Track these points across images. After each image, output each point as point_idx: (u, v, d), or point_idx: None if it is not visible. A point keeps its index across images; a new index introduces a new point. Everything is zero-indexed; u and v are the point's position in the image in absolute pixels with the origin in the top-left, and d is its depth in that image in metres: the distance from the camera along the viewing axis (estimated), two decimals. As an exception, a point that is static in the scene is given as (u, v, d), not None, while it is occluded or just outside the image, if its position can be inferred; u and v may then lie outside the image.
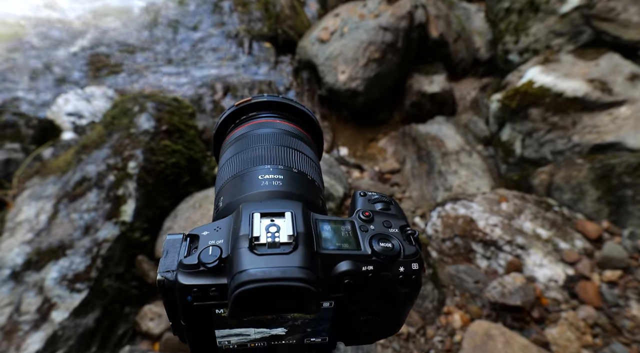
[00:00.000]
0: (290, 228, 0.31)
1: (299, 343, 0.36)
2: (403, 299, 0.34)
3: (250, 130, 0.45)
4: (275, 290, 0.28)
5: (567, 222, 1.75)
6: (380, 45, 2.96)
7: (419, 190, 2.62)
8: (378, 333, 0.38)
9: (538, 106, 2.22)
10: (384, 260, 0.32)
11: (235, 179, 0.39)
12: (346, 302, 0.33)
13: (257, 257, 0.28)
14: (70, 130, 2.91)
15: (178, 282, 0.29)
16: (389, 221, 0.35)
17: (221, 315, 0.31)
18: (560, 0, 2.67)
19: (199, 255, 0.30)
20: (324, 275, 0.30)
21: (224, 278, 0.29)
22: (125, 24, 3.86)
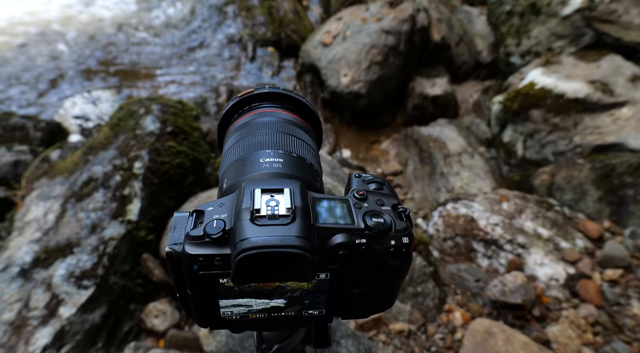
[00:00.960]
0: (288, 202, 0.33)
1: (297, 316, 0.38)
2: (394, 271, 0.36)
3: (252, 119, 0.47)
4: (274, 257, 0.30)
5: (568, 222, 1.76)
6: (383, 49, 2.99)
7: (421, 191, 2.64)
8: (372, 307, 0.40)
9: (539, 107, 2.24)
10: (376, 234, 0.34)
11: (238, 163, 0.42)
12: (341, 274, 0.35)
13: (258, 227, 0.31)
14: (77, 133, 2.95)
15: (185, 252, 0.32)
16: (381, 200, 0.37)
17: (225, 285, 0.34)
18: (562, 3, 2.70)
19: (204, 228, 0.32)
20: (319, 246, 0.33)
21: (227, 249, 0.32)
22: (129, 28, 3.92)
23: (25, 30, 3.72)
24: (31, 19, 3.87)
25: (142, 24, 3.99)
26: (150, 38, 3.84)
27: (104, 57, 3.58)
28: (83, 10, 4.13)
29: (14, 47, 3.56)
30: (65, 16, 4.00)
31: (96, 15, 4.08)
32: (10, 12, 3.90)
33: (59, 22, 3.92)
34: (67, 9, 4.10)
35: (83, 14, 4.07)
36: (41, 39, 3.68)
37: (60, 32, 3.80)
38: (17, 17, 3.88)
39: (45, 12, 4.01)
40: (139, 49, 3.69)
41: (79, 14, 4.06)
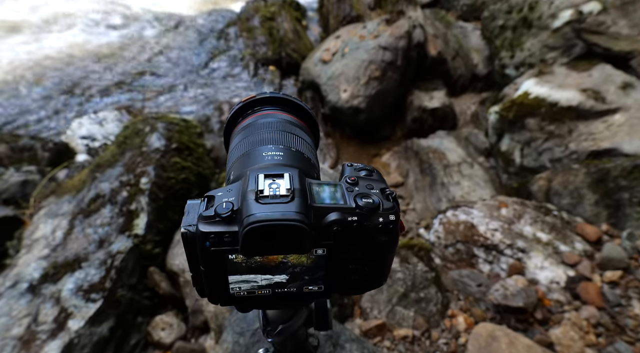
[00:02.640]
0: (288, 184, 0.37)
1: (298, 292, 0.42)
2: (383, 246, 0.40)
3: (255, 120, 0.52)
4: (276, 229, 0.34)
5: (567, 226, 1.79)
6: (380, 64, 3.07)
7: (423, 202, 2.67)
8: (366, 283, 0.44)
9: (534, 116, 2.29)
10: (366, 212, 0.38)
11: (243, 157, 0.47)
12: (336, 250, 0.39)
13: (262, 205, 0.35)
14: (84, 153, 3.02)
15: (198, 230, 0.36)
16: (371, 184, 0.42)
17: (233, 261, 0.38)
18: (552, 16, 2.78)
19: (215, 209, 0.36)
20: (316, 223, 0.37)
21: (235, 226, 0.36)
22: (135, 51, 4.04)
23: (34, 60, 3.84)
24: (41, 49, 4.00)
25: (146, 47, 4.11)
26: (154, 60, 3.95)
27: (109, 79, 3.69)
28: (88, 37, 4.26)
29: (24, 76, 3.67)
30: (71, 43, 4.13)
31: (100, 41, 4.21)
32: (22, 46, 4.03)
33: (66, 49, 4.04)
34: (72, 37, 4.24)
35: (88, 41, 4.20)
36: (50, 65, 3.80)
37: (66, 58, 3.92)
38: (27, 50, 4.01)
39: (53, 41, 4.15)
40: (143, 71, 3.80)
41: (85, 41, 4.20)
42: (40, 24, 4.33)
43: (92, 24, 4.42)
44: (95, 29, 4.37)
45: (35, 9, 4.56)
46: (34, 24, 4.29)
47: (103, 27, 4.42)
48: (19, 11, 4.50)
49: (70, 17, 4.49)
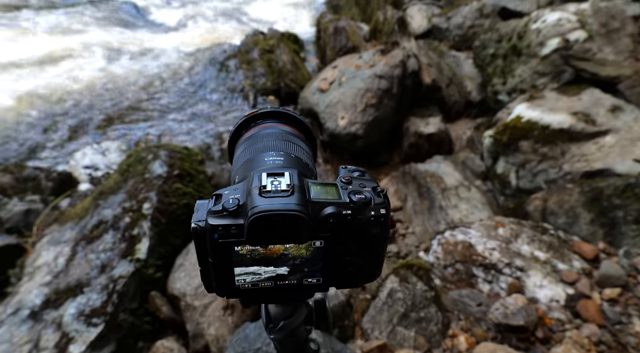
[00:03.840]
0: (288, 181, 0.42)
1: (299, 284, 0.45)
2: (376, 238, 0.44)
3: (258, 131, 0.57)
4: (277, 219, 0.38)
5: (564, 244, 1.81)
6: (377, 92, 3.17)
7: (422, 225, 2.70)
8: (361, 275, 0.47)
9: (527, 139, 2.36)
10: (359, 206, 0.42)
11: (247, 162, 0.51)
12: (332, 242, 0.43)
13: (265, 198, 0.39)
14: (86, 182, 3.07)
15: (207, 223, 0.40)
16: (363, 183, 0.46)
17: (239, 252, 0.41)
18: (540, 44, 2.90)
19: (222, 204, 0.40)
20: (313, 217, 0.41)
21: (241, 219, 0.40)
22: (140, 84, 4.17)
23: (42, 93, 3.96)
24: (47, 81, 4.13)
25: (150, 79, 4.24)
26: (157, 92, 4.07)
27: (112, 110, 3.78)
28: (93, 70, 4.41)
29: (31, 108, 3.77)
30: (76, 76, 4.26)
31: (105, 74, 4.35)
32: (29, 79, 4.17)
33: (71, 82, 4.17)
34: (77, 70, 4.38)
35: (93, 74, 4.34)
36: (55, 97, 3.91)
37: (71, 90, 4.04)
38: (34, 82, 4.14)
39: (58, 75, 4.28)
40: (147, 102, 3.90)
41: (90, 74, 4.33)
42: (47, 58, 4.49)
43: (98, 58, 4.58)
44: (100, 62, 4.52)
45: (43, 44, 4.74)
46: (41, 58, 4.44)
47: (107, 60, 4.58)
48: (27, 46, 4.66)
49: (76, 51, 4.65)
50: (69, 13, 5.83)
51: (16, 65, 4.31)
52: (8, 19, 5.43)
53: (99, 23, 5.75)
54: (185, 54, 4.83)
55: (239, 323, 1.55)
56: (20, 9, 5.81)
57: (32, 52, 4.59)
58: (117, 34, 5.46)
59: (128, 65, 4.53)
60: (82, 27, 5.49)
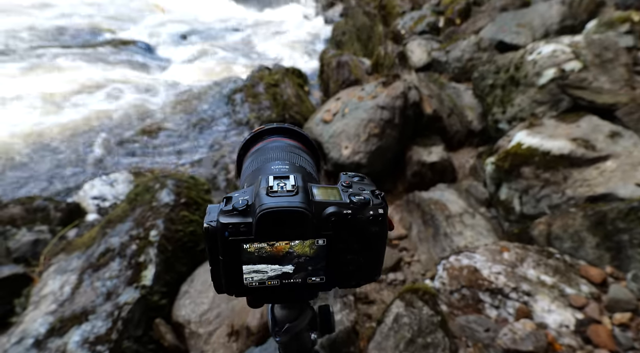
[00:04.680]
0: (293, 182, 0.45)
1: (303, 283, 0.47)
2: (375, 237, 0.46)
3: (264, 145, 0.61)
4: (283, 215, 0.41)
5: (570, 269, 1.80)
6: (379, 122, 3.25)
7: (427, 253, 2.68)
8: (361, 274, 0.49)
9: (529, 165, 2.39)
10: (359, 207, 0.45)
11: (255, 171, 0.55)
12: (334, 240, 0.45)
13: (272, 197, 0.43)
14: (94, 212, 3.11)
15: (219, 222, 0.43)
16: (362, 187, 0.49)
17: (247, 250, 0.44)
18: (537, 74, 2.99)
19: (233, 204, 0.44)
20: (316, 216, 0.44)
21: (249, 218, 0.43)
22: (148, 117, 4.29)
23: (56, 127, 4.08)
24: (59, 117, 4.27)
25: (158, 113, 4.37)
26: (165, 125, 4.18)
27: (122, 142, 3.88)
28: (104, 105, 4.55)
29: (42, 142, 3.88)
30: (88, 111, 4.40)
31: (116, 107, 4.49)
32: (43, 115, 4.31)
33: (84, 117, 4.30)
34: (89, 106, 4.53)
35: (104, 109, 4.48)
36: (68, 132, 4.03)
37: (84, 124, 4.16)
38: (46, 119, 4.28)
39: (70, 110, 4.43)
40: (155, 135, 4.01)
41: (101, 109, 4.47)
42: (61, 94, 4.65)
43: (110, 93, 4.74)
44: (111, 98, 4.68)
45: (56, 81, 4.92)
46: (55, 94, 4.61)
47: (118, 96, 4.73)
48: (42, 83, 4.85)
49: (89, 88, 4.82)
50: (83, 53, 6.09)
51: (29, 102, 4.47)
52: (23, 57, 5.68)
53: (112, 61, 6.00)
54: (194, 88, 4.99)
55: (243, 349, 1.53)
56: (36, 49, 6.08)
57: (46, 88, 4.77)
58: (128, 70, 5.68)
59: (138, 100, 4.68)
60: (96, 65, 5.72)
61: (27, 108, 4.31)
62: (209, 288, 1.86)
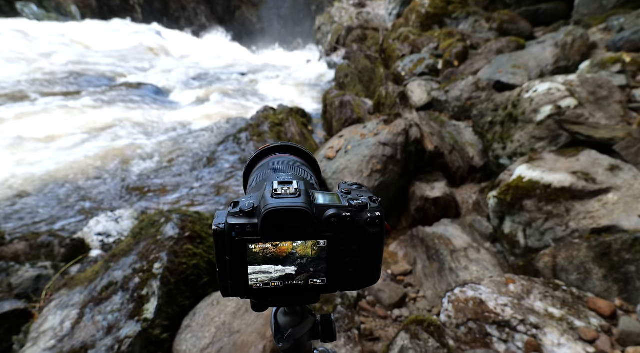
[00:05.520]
0: (296, 186, 0.48)
1: (305, 285, 0.49)
2: (373, 238, 0.48)
3: (270, 160, 0.65)
4: (287, 213, 0.44)
5: (578, 301, 1.76)
6: (382, 158, 3.30)
7: (433, 289, 2.64)
8: (361, 277, 0.51)
9: (531, 198, 2.40)
10: (357, 209, 0.48)
11: (260, 182, 0.58)
12: (335, 242, 0.48)
13: (276, 198, 0.45)
14: (98, 248, 3.11)
15: (227, 223, 0.46)
16: (361, 193, 0.52)
17: (253, 250, 0.46)
18: (534, 111, 3.07)
19: (240, 207, 0.47)
20: (317, 217, 0.46)
21: (255, 219, 0.46)
22: (156, 156, 4.38)
23: (65, 165, 4.18)
24: (70, 155, 4.37)
25: (166, 151, 4.47)
26: (172, 163, 4.26)
27: (129, 180, 3.94)
28: (114, 144, 4.67)
29: (53, 180, 3.96)
30: (97, 150, 4.51)
31: (125, 147, 4.60)
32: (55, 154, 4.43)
33: (91, 156, 4.40)
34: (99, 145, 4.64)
35: (114, 147, 4.59)
36: (77, 170, 4.11)
37: (91, 163, 4.25)
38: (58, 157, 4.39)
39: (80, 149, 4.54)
40: (162, 173, 4.08)
41: (110, 148, 4.59)
42: (70, 135, 4.79)
43: (118, 134, 4.87)
44: (120, 138, 4.80)
45: (67, 123, 5.08)
46: (65, 135, 4.74)
47: (127, 136, 4.86)
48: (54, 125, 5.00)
49: (99, 128, 4.96)
50: (93, 96, 6.32)
51: (39, 141, 4.60)
52: (34, 101, 5.90)
53: (122, 103, 6.21)
54: (200, 128, 5.13)
55: (245, 385, 1.49)
56: (48, 95, 6.32)
57: (57, 129, 4.91)
58: (138, 112, 5.86)
59: (146, 140, 4.80)
60: (106, 107, 5.92)
61: (37, 147, 4.43)
62: (211, 323, 1.83)
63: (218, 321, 1.82)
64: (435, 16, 7.45)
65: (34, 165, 4.07)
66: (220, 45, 15.44)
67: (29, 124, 5.01)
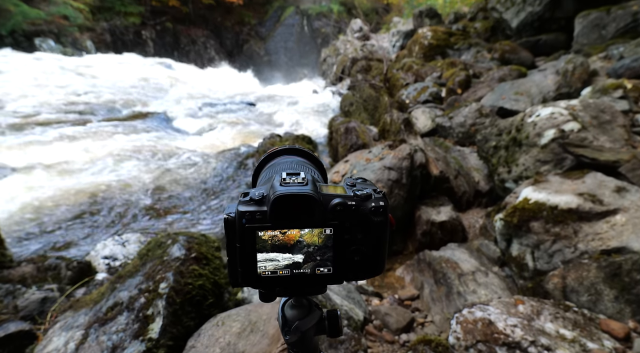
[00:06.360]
0: (303, 176, 0.50)
1: (312, 273, 0.51)
2: (377, 226, 0.50)
3: (278, 161, 0.68)
4: (295, 199, 0.46)
5: (590, 322, 1.73)
6: (387, 182, 3.32)
7: (441, 313, 2.60)
8: (366, 265, 0.52)
9: (537, 219, 2.39)
10: (362, 199, 0.50)
11: (269, 178, 0.60)
12: (340, 230, 0.49)
13: (285, 186, 0.48)
14: (104, 272, 3.11)
15: (237, 210, 0.48)
16: (365, 186, 0.54)
17: (262, 238, 0.48)
18: (538, 135, 3.10)
19: (250, 196, 0.49)
20: (324, 206, 0.48)
21: (264, 207, 0.48)
22: (163, 182, 4.44)
23: (74, 191, 4.24)
24: (81, 182, 4.44)
25: (173, 177, 4.53)
26: (179, 188, 4.31)
27: (137, 205, 3.98)
28: (123, 170, 4.75)
29: (62, 204, 4.01)
30: (106, 176, 4.58)
31: (134, 172, 4.67)
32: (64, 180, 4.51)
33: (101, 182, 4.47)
34: (107, 171, 4.72)
35: (123, 173, 4.67)
36: (86, 195, 4.17)
37: (101, 189, 4.32)
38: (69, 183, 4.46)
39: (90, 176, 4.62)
40: (169, 198, 4.12)
41: (120, 174, 4.66)
42: (80, 161, 4.88)
43: (128, 160, 4.96)
44: (130, 164, 4.89)
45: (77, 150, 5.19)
46: (75, 161, 4.83)
47: (136, 162, 4.95)
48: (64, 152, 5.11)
49: (109, 155, 5.06)
50: (104, 124, 6.47)
51: (53, 168, 4.69)
52: (45, 130, 6.05)
53: (131, 132, 6.35)
54: (208, 155, 5.21)
55: (249, 407, 1.46)
56: (60, 123, 6.49)
57: (67, 156, 5.02)
58: (146, 140, 5.98)
59: (155, 166, 4.88)
60: (115, 135, 6.05)
61: (48, 173, 4.51)
62: (216, 343, 1.81)
63: (223, 342, 1.79)
64: (438, 47, 7.65)
65: (44, 190, 4.13)
66: (228, 76, 15.88)
67: (40, 151, 5.13)
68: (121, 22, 18.12)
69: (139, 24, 18.68)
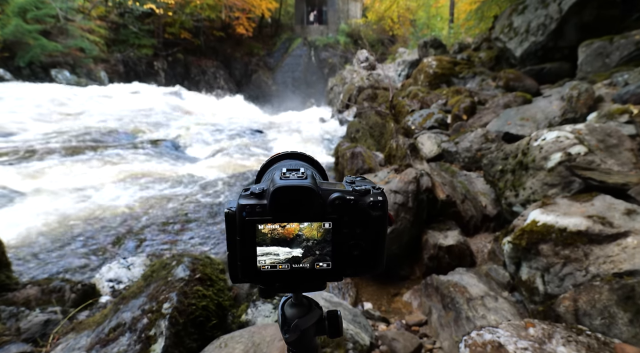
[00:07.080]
0: (303, 171, 0.51)
1: (311, 268, 0.51)
2: (376, 221, 0.50)
3: (280, 164, 0.69)
4: (294, 190, 0.47)
5: (605, 346, 1.66)
6: (393, 206, 3.31)
7: (449, 339, 2.52)
8: (365, 262, 0.52)
9: (546, 242, 2.35)
10: (361, 194, 0.50)
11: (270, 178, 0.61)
12: (339, 224, 0.50)
13: (285, 179, 0.49)
14: (108, 294, 3.09)
15: (238, 203, 0.49)
16: (364, 183, 0.55)
17: (262, 231, 0.49)
18: (544, 158, 3.09)
19: (250, 190, 0.50)
20: (323, 197, 0.49)
21: (265, 200, 0.49)
22: (171, 205, 4.47)
23: (85, 214, 4.28)
24: (91, 206, 4.49)
25: (181, 201, 4.56)
26: (186, 212, 4.33)
27: (143, 228, 3.99)
28: (131, 194, 4.79)
29: (69, 227, 4.04)
30: (116, 200, 4.62)
31: (142, 197, 4.71)
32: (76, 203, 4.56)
33: (111, 206, 4.51)
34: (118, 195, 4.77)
35: (132, 197, 4.71)
36: (94, 218, 4.20)
37: (110, 212, 4.35)
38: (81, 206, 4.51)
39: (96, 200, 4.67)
40: (175, 222, 4.13)
41: (129, 198, 4.71)
42: (91, 186, 4.94)
43: (137, 185, 5.01)
44: (138, 188, 4.94)
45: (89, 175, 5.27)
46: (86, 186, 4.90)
47: (145, 187, 5.00)
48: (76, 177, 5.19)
49: (119, 180, 5.12)
50: (115, 151, 6.59)
51: (62, 192, 4.75)
52: (57, 156, 6.17)
53: (141, 157, 6.45)
54: (214, 179, 5.25)
55: None
56: (71, 150, 6.62)
57: (77, 182, 5.09)
58: (155, 165, 6.06)
59: (163, 190, 4.92)
60: (125, 161, 6.15)
61: (56, 197, 4.57)
62: (218, 366, 1.77)
63: (225, 365, 1.75)
64: (443, 76, 7.78)
65: (52, 214, 4.17)
66: (237, 105, 16.20)
67: (48, 177, 5.21)
68: (134, 54, 18.75)
69: (152, 55, 19.31)
